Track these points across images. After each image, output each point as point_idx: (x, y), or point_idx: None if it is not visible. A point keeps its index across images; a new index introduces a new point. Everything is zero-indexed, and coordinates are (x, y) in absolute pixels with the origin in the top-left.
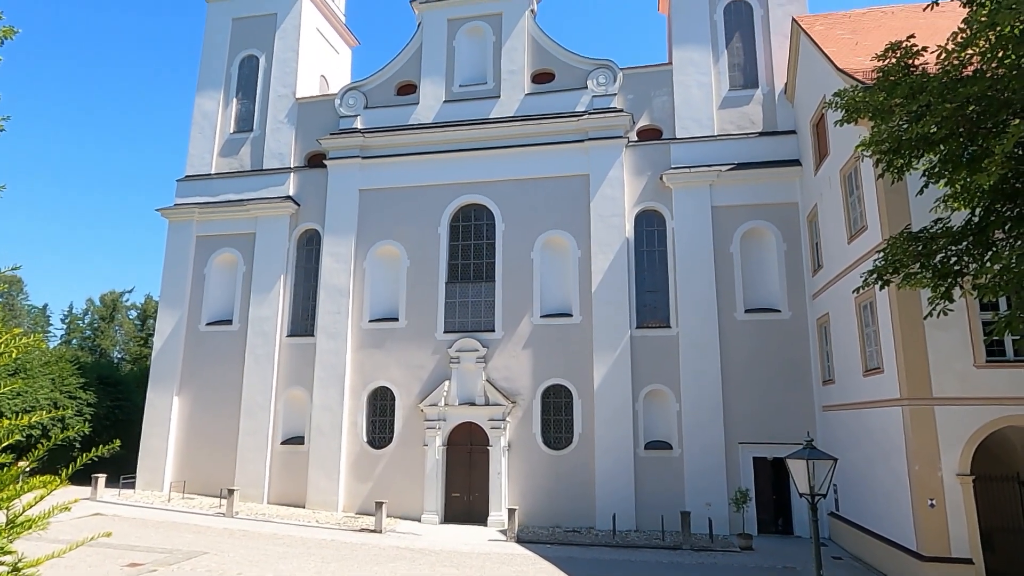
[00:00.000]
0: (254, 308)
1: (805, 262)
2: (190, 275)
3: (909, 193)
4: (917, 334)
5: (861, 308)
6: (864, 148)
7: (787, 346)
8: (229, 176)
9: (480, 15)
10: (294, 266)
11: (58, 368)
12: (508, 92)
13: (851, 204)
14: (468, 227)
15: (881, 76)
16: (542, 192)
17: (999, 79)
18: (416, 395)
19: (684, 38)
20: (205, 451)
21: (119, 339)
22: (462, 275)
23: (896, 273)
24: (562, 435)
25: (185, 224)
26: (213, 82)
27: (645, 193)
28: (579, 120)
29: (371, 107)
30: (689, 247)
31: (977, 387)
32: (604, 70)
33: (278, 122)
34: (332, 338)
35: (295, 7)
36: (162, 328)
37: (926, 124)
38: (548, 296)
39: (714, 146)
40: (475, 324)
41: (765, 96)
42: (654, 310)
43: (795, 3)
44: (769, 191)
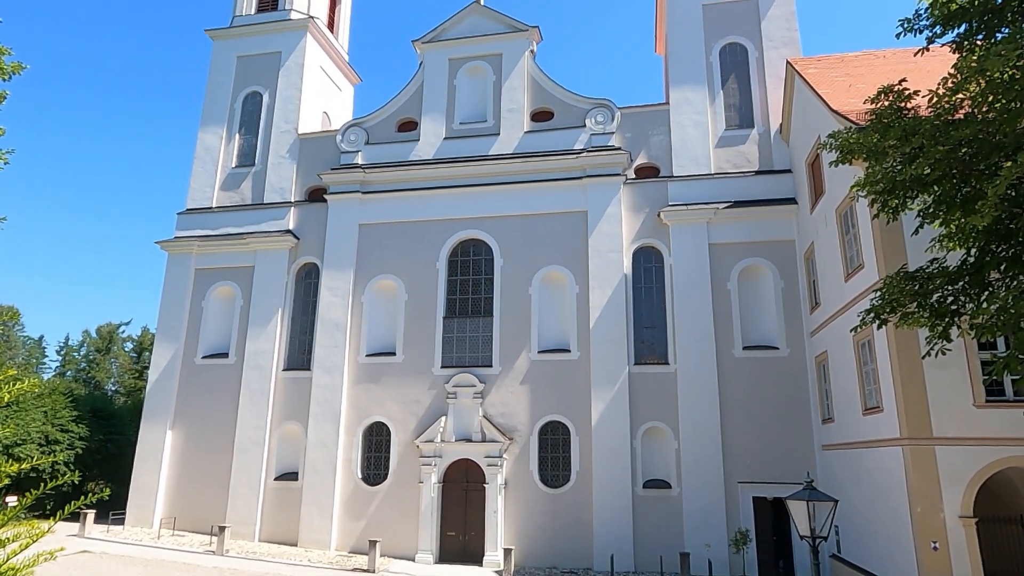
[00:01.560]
0: (251, 342)
1: (803, 299)
2: (187, 308)
3: (905, 232)
4: (916, 373)
5: (859, 346)
6: (859, 188)
7: (786, 384)
8: (229, 210)
9: (481, 55)
10: (292, 300)
11: (51, 401)
12: (507, 130)
13: (847, 242)
14: (467, 262)
15: (874, 119)
16: (541, 228)
17: (990, 122)
18: (412, 431)
19: (681, 79)
20: (197, 487)
21: (114, 371)
22: (460, 310)
23: (893, 312)
24: (559, 473)
25: (184, 257)
26: (216, 117)
27: (643, 230)
28: (578, 157)
29: (372, 143)
30: (687, 284)
31: (978, 427)
32: (602, 109)
33: (279, 157)
34: (328, 372)
35: (299, 46)
36: (158, 361)
37: (919, 166)
38: (546, 332)
39: (711, 184)
40: (472, 359)
41: (761, 135)
42: (652, 346)
43: (789, 46)
44: (766, 229)
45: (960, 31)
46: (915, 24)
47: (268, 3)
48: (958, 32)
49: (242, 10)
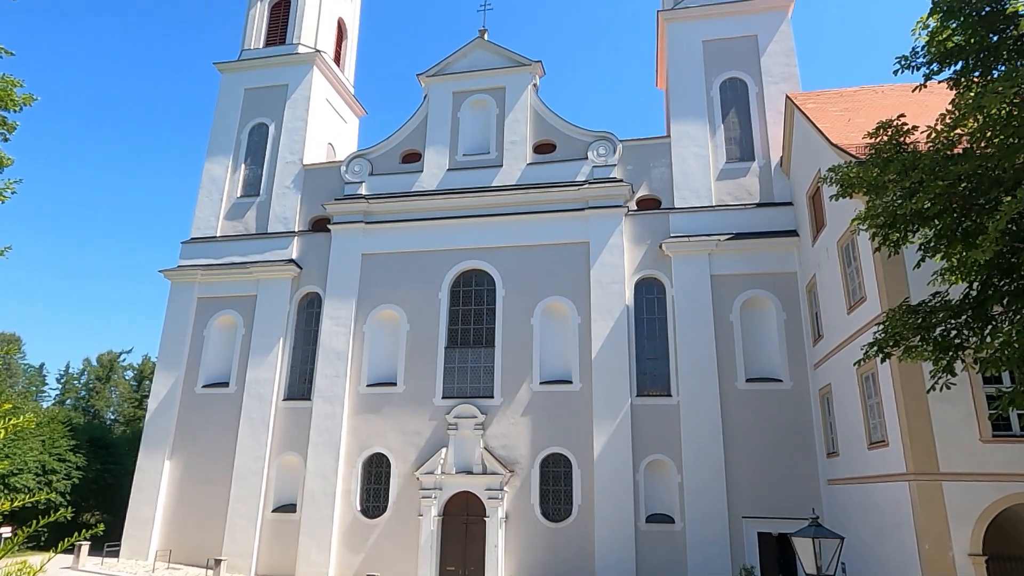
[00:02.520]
0: (251, 371)
1: (805, 332)
2: (189, 336)
3: (907, 265)
4: (921, 407)
5: (863, 379)
6: (860, 222)
7: (790, 417)
8: (233, 239)
9: (484, 88)
10: (294, 329)
11: (49, 430)
12: (510, 162)
13: (849, 275)
14: (469, 292)
15: (874, 153)
16: (543, 259)
17: (989, 157)
18: (412, 462)
19: (682, 112)
20: (194, 518)
21: (114, 400)
22: (462, 340)
23: (896, 346)
24: (561, 506)
25: (187, 286)
26: (223, 148)
27: (645, 261)
28: (580, 189)
29: (376, 174)
30: (689, 315)
31: (985, 462)
32: (604, 142)
33: (284, 187)
34: (329, 402)
35: (306, 79)
36: (158, 390)
37: (920, 200)
38: (548, 362)
39: (712, 216)
40: (474, 390)
41: (761, 168)
42: (654, 378)
43: (789, 81)
44: (767, 261)
45: (957, 68)
46: (912, 61)
47: (276, 37)
48: (955, 69)
49: (250, 44)
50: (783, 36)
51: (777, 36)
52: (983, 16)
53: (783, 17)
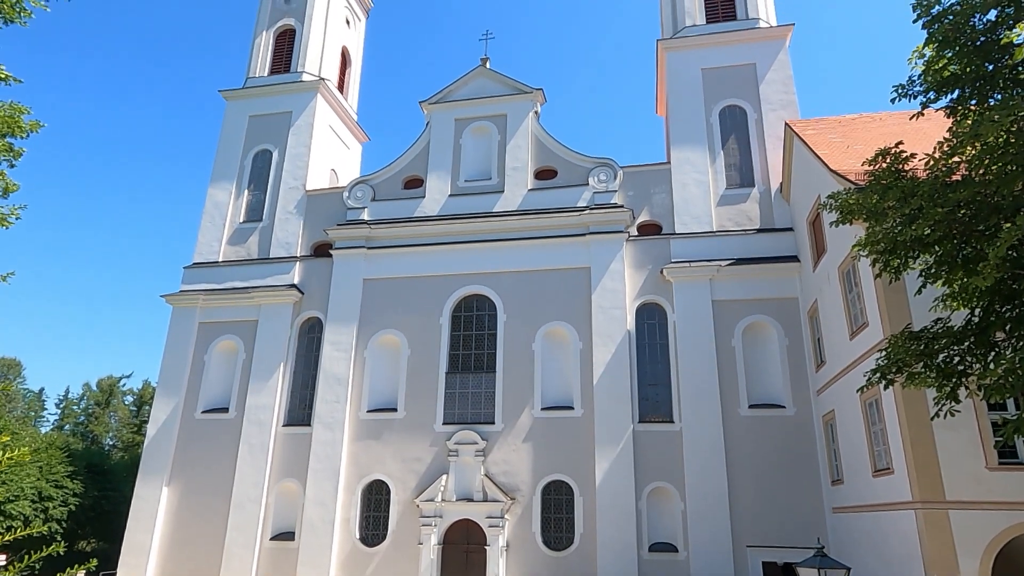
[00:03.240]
0: (251, 396)
1: (808, 357)
2: (190, 362)
3: (908, 291)
4: (925, 434)
5: (867, 406)
6: (860, 248)
7: (793, 444)
8: (235, 264)
9: (486, 115)
10: (294, 354)
11: (47, 455)
12: (512, 187)
13: (851, 301)
14: (470, 318)
15: (873, 180)
16: (544, 284)
17: (988, 184)
18: (412, 489)
19: (681, 139)
20: (191, 546)
21: (113, 425)
22: (463, 366)
23: (899, 372)
24: (563, 535)
25: (189, 311)
26: (227, 174)
27: (646, 286)
28: (580, 215)
29: (378, 200)
30: (690, 341)
31: (991, 491)
32: (605, 168)
33: (287, 213)
34: (329, 428)
35: (310, 106)
36: (157, 415)
37: (919, 227)
38: (549, 388)
39: (713, 241)
40: (475, 416)
41: (761, 194)
42: (656, 404)
43: (787, 108)
44: (769, 286)
45: (953, 97)
46: (909, 90)
47: (281, 65)
48: (951, 98)
49: (255, 72)
50: (781, 64)
51: (775, 64)
52: (978, 46)
53: (781, 46)
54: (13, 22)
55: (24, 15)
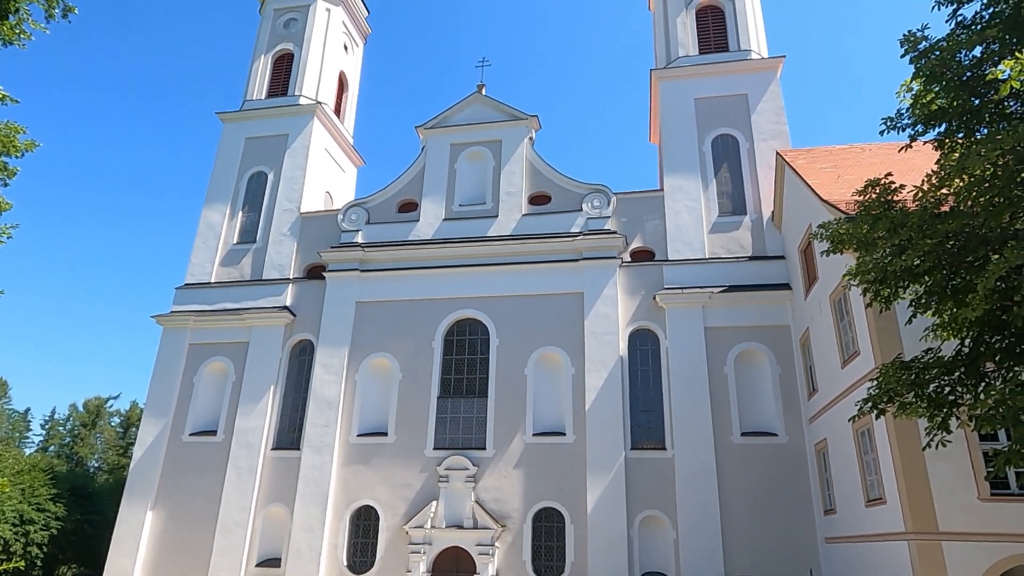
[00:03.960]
0: (240, 419)
1: (800, 385)
2: (179, 383)
3: (899, 320)
4: (918, 464)
5: (859, 434)
6: (851, 277)
7: (786, 472)
8: (228, 285)
9: (481, 141)
10: (285, 377)
11: (30, 478)
12: (506, 212)
13: (842, 329)
14: (462, 342)
15: (863, 210)
16: (537, 309)
17: (976, 215)
18: (402, 516)
19: (674, 167)
20: (174, 572)
21: (98, 447)
22: (455, 390)
23: (891, 402)
24: (553, 563)
25: (180, 332)
26: (221, 195)
27: (639, 312)
28: (574, 240)
29: (373, 223)
30: (683, 367)
31: (984, 522)
32: (598, 194)
33: (281, 235)
34: (318, 452)
35: (306, 129)
36: (144, 437)
37: (909, 257)
38: (541, 413)
39: (706, 268)
40: (466, 441)
41: (753, 222)
42: (649, 431)
43: (778, 138)
44: (761, 313)
45: (941, 130)
46: (897, 123)
47: (279, 89)
48: (939, 131)
49: (253, 95)
50: (772, 95)
51: (767, 95)
52: (964, 81)
53: (772, 77)
54: (12, 44)
55: (24, 37)
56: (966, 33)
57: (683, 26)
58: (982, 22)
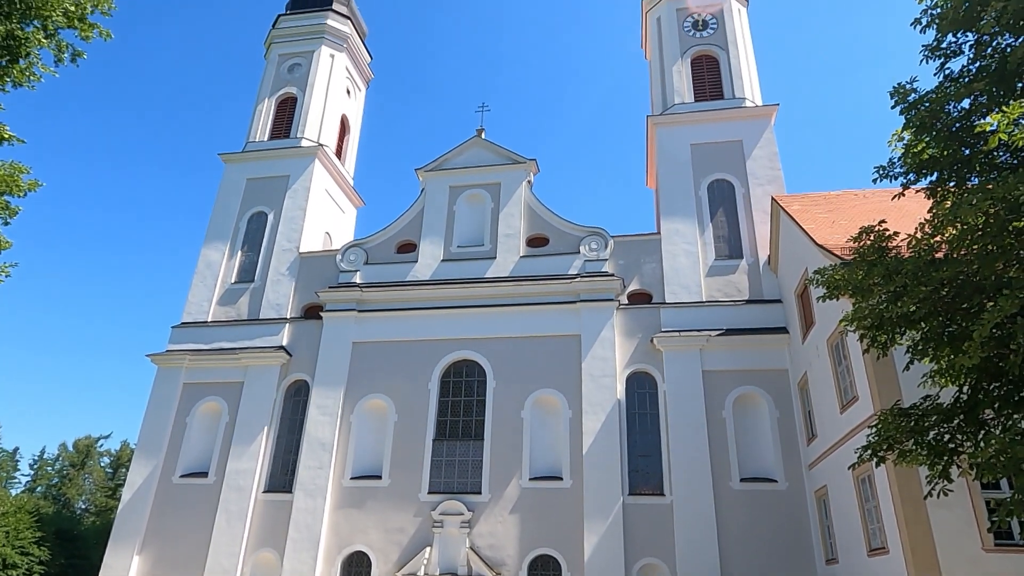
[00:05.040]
0: (232, 460)
1: (799, 430)
2: (171, 423)
3: (897, 366)
4: (920, 513)
5: (859, 481)
6: (847, 323)
7: (786, 520)
8: (224, 324)
9: (480, 184)
10: (279, 418)
11: (15, 520)
12: (504, 254)
13: (840, 374)
14: (459, 383)
15: (858, 257)
16: (534, 351)
17: (970, 263)
18: (394, 562)
19: (671, 211)
20: None
21: (87, 488)
22: (450, 432)
23: (890, 449)
24: None
25: (174, 371)
26: (221, 235)
27: (636, 355)
28: (572, 282)
29: (371, 263)
30: (681, 411)
31: (988, 573)
32: (596, 237)
33: (279, 274)
34: (310, 496)
35: (307, 170)
36: (133, 479)
37: (905, 304)
38: (538, 457)
39: (703, 312)
40: (461, 485)
41: (750, 266)
42: (647, 476)
43: (773, 183)
44: (759, 357)
45: (933, 179)
46: (890, 171)
47: (281, 131)
48: (931, 180)
49: (255, 136)
50: (767, 142)
51: (761, 142)
52: (953, 132)
53: (766, 124)
54: (21, 86)
55: (33, 79)
56: (954, 86)
57: (679, 74)
58: (969, 75)
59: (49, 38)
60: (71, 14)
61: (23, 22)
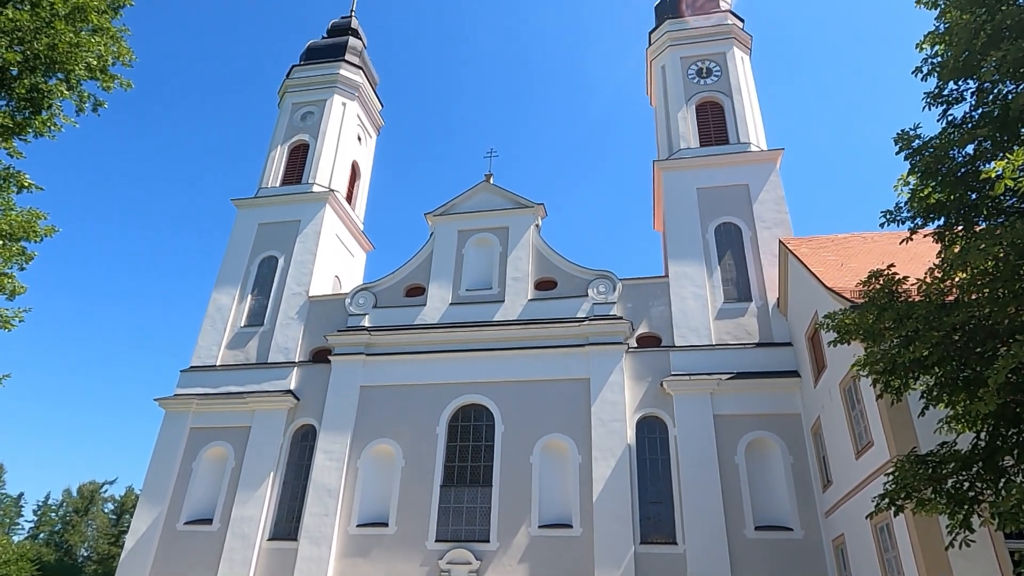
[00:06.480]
0: (237, 507)
1: (814, 477)
2: (177, 468)
3: (912, 411)
4: (942, 563)
5: (878, 530)
6: (860, 368)
7: (803, 570)
8: (233, 368)
9: (488, 228)
10: (285, 463)
11: (16, 568)
12: (512, 297)
13: (854, 418)
14: (467, 428)
15: (868, 301)
16: (543, 395)
17: (981, 306)
18: None
19: (679, 254)
20: None
21: (90, 535)
22: (458, 478)
23: (908, 498)
24: None
25: (182, 415)
26: (232, 279)
27: (646, 399)
28: (580, 326)
29: (380, 307)
30: (693, 456)
31: None
32: (604, 280)
33: (288, 318)
34: (316, 544)
35: (318, 215)
36: (137, 525)
37: (917, 349)
38: (547, 504)
39: (713, 355)
40: (469, 533)
41: (759, 309)
42: (659, 524)
43: (780, 226)
44: (770, 401)
45: (940, 223)
46: (897, 215)
47: (293, 177)
48: (938, 224)
49: (268, 182)
50: (773, 185)
51: (767, 186)
52: (959, 177)
53: (772, 168)
54: (43, 136)
55: (55, 129)
56: (957, 132)
57: (684, 120)
58: (972, 121)
59: (71, 89)
60: (93, 67)
61: (47, 75)
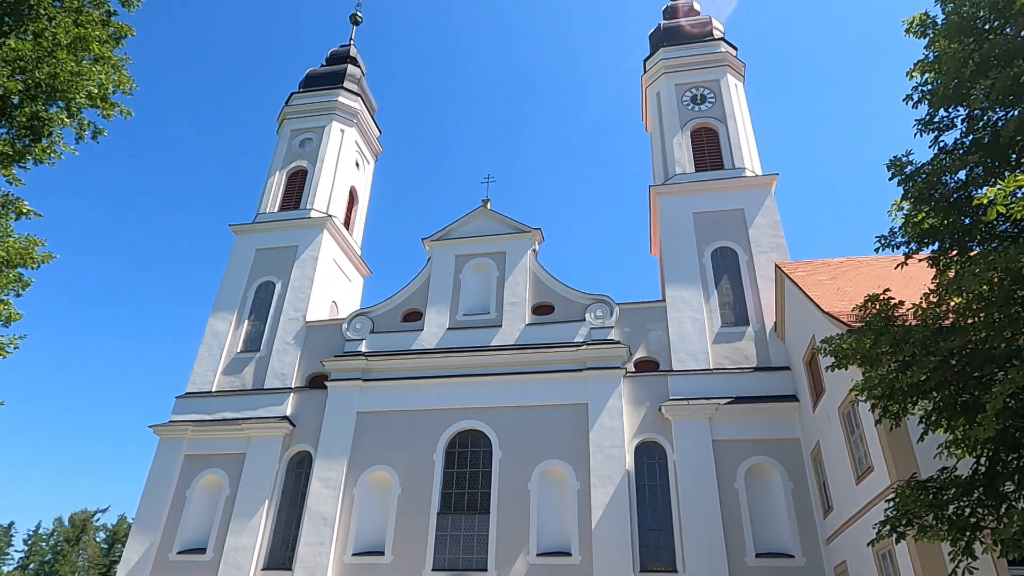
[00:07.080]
0: (231, 536)
1: (814, 502)
2: (171, 496)
3: (912, 435)
4: None
5: (880, 557)
6: (858, 392)
7: None
8: (228, 394)
9: (486, 252)
10: (280, 491)
11: None
12: (509, 322)
13: (854, 443)
14: (464, 454)
15: (864, 325)
16: (541, 420)
17: (978, 330)
18: None
19: (675, 278)
20: None
21: (80, 566)
22: (455, 505)
23: (910, 525)
24: None
25: (176, 442)
26: (228, 305)
27: (644, 424)
28: (578, 350)
29: (377, 332)
30: (692, 482)
31: None
32: (601, 304)
33: (285, 343)
34: (310, 574)
35: (315, 241)
36: (129, 556)
37: (915, 374)
38: (545, 532)
39: (711, 379)
40: (466, 562)
41: (757, 333)
42: (658, 551)
43: (776, 251)
44: (769, 426)
45: (934, 248)
46: (891, 240)
47: (291, 203)
48: (932, 249)
49: (266, 208)
50: (768, 210)
51: (762, 211)
52: (952, 202)
53: (767, 193)
54: (42, 163)
55: (54, 156)
56: (949, 158)
57: (679, 146)
58: (963, 147)
59: (71, 117)
60: (94, 95)
61: (48, 103)
